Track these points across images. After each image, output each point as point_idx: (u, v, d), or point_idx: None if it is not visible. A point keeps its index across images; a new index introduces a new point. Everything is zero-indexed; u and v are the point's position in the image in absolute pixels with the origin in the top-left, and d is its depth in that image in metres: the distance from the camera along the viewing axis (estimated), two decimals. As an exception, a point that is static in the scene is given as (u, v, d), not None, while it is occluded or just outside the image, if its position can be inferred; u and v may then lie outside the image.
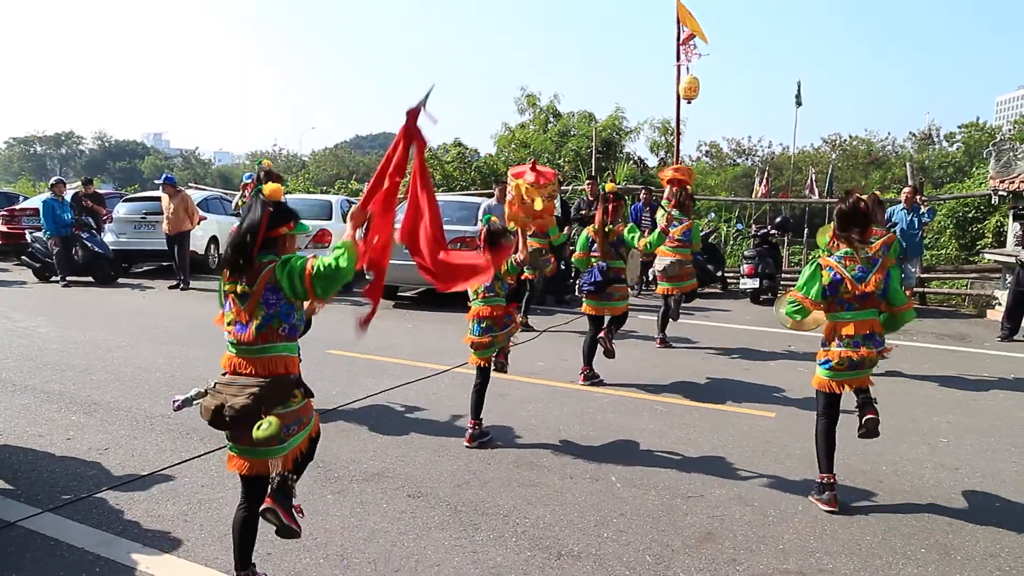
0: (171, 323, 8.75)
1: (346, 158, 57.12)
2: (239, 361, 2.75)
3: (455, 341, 7.80)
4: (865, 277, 3.79)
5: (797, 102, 23.75)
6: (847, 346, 3.83)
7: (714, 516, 3.76)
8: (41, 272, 12.30)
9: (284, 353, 2.76)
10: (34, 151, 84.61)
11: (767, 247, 11.12)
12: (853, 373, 3.85)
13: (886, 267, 3.85)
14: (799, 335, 8.58)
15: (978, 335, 8.81)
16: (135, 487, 3.96)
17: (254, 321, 2.71)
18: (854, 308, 3.83)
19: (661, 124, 24.72)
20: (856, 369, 3.84)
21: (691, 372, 6.64)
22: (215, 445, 4.57)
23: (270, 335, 2.72)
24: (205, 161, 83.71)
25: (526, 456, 4.56)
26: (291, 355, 2.80)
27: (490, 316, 4.74)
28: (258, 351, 2.73)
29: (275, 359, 2.73)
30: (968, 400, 6.02)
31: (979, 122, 35.84)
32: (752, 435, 5.03)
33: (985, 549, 3.46)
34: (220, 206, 14.81)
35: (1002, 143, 10.80)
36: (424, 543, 3.42)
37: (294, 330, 2.81)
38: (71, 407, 5.30)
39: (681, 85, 12.28)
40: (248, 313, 2.72)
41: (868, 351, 3.82)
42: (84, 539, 3.37)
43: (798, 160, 33.10)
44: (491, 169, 21.00)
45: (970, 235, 13.83)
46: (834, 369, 3.87)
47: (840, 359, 3.84)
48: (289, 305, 2.74)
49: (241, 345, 2.74)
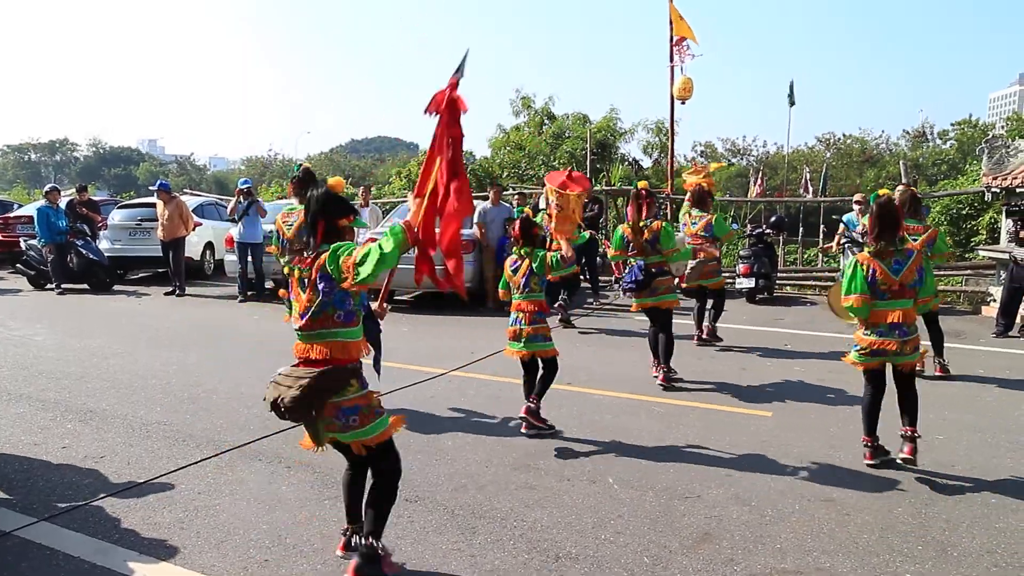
0: (167, 330, 8.73)
1: (342, 162, 57.14)
2: (301, 346, 2.88)
3: (451, 345, 7.81)
4: (900, 270, 4.20)
5: (790, 101, 23.84)
6: (874, 334, 4.26)
7: (712, 516, 3.76)
8: (36, 280, 12.28)
9: (341, 339, 2.85)
10: (28, 158, 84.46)
11: (762, 246, 11.13)
12: (877, 358, 4.30)
13: (919, 261, 4.27)
14: (797, 335, 8.61)
15: (973, 331, 8.84)
16: (131, 495, 3.95)
17: (311, 307, 2.81)
18: (886, 298, 4.22)
19: (655, 125, 24.78)
20: (881, 355, 4.27)
21: (688, 372, 6.64)
22: (211, 452, 4.57)
23: (325, 321, 2.82)
24: (200, 167, 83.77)
25: (523, 458, 4.56)
26: (350, 340, 2.87)
27: (522, 310, 4.94)
28: (316, 336, 2.84)
29: (332, 344, 2.83)
30: (964, 397, 6.03)
31: (972, 119, 36.00)
32: (749, 435, 5.03)
33: (982, 546, 3.47)
34: (215, 212, 14.80)
35: (995, 140, 10.84)
36: (422, 547, 3.41)
37: (351, 316, 2.87)
38: (67, 415, 5.29)
39: (675, 86, 12.32)
40: (306, 300, 2.83)
41: (891, 341, 4.21)
42: (80, 548, 3.35)
43: (792, 159, 33.21)
44: (486, 172, 21.03)
45: (964, 232, 13.89)
46: (861, 353, 4.35)
47: (865, 345, 4.31)
48: (343, 292, 2.80)
49: (301, 331, 2.87)
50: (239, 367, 6.75)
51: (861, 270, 4.22)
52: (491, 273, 10.09)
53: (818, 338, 8.30)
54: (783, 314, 10.06)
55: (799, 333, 8.68)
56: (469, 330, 8.93)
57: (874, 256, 4.22)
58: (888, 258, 4.20)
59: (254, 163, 60.18)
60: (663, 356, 6.18)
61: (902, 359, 4.26)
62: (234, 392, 5.88)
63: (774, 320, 9.57)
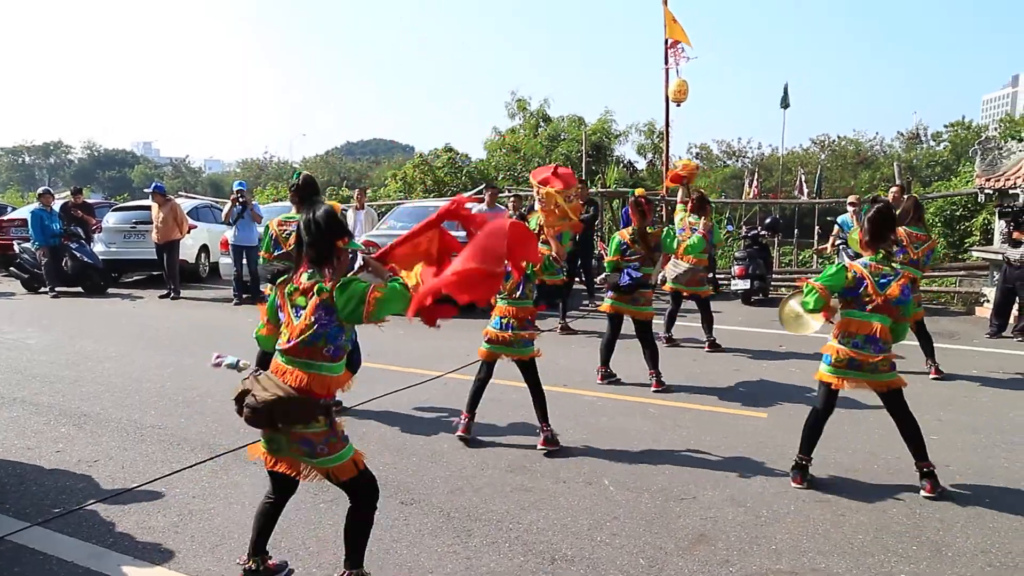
0: (161, 333, 8.70)
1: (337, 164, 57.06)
2: (281, 367, 2.79)
3: (446, 347, 7.79)
4: (887, 285, 3.97)
5: (784, 104, 23.92)
6: (849, 345, 4.03)
7: (707, 518, 3.77)
8: (30, 283, 12.23)
9: (324, 373, 2.76)
10: (23, 161, 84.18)
11: (757, 248, 11.15)
12: (852, 372, 4.03)
13: (908, 277, 4.07)
14: (791, 336, 8.61)
15: (967, 332, 8.87)
16: (125, 499, 3.93)
17: (301, 335, 2.73)
18: (867, 310, 4.00)
19: (647, 127, 24.84)
20: (856, 369, 4.02)
21: (683, 374, 6.66)
22: (206, 456, 4.55)
23: (313, 352, 2.74)
24: (196, 169, 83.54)
25: (519, 461, 4.56)
26: (331, 375, 2.79)
27: (515, 316, 4.75)
28: (299, 364, 2.75)
29: (312, 376, 2.74)
30: (958, 397, 6.06)
31: (965, 121, 36.17)
32: (744, 436, 5.04)
33: (976, 545, 3.48)
34: (211, 214, 14.76)
35: (987, 142, 10.89)
36: (417, 550, 3.41)
37: (339, 352, 2.79)
38: (60, 419, 5.27)
39: (670, 88, 12.35)
40: (299, 328, 2.74)
41: (867, 355, 3.98)
42: (74, 552, 3.34)
43: (787, 161, 33.31)
44: (482, 174, 21.04)
45: (958, 233, 13.94)
46: (834, 365, 4.07)
47: (840, 356, 4.04)
48: (339, 327, 2.75)
49: (285, 354, 2.78)
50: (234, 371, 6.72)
51: (846, 273, 4.01)
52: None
53: (812, 340, 8.27)
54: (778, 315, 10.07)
55: (794, 335, 8.67)
56: (464, 332, 8.88)
57: (865, 267, 4.01)
58: (877, 271, 4.00)
59: (250, 165, 60.03)
60: (650, 362, 6.23)
61: (878, 377, 4.01)
62: (229, 395, 5.83)
63: (769, 321, 9.57)
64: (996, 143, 10.87)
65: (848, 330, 4.04)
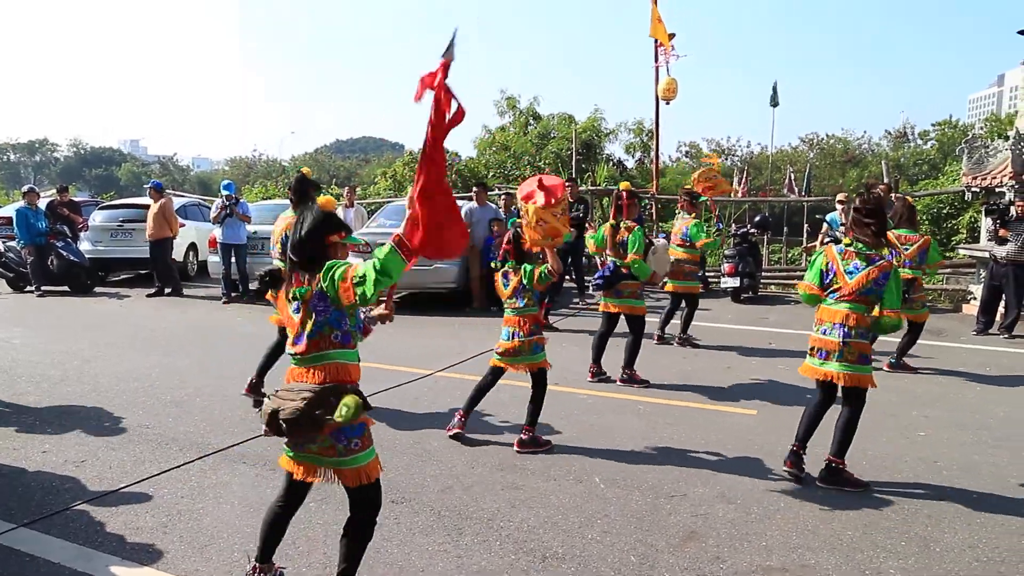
0: (149, 332, 8.64)
1: (327, 162, 56.83)
2: (297, 371, 2.75)
3: (436, 345, 7.78)
4: (856, 273, 3.98)
5: (772, 103, 24.03)
6: (818, 332, 4.12)
7: (698, 515, 3.78)
8: (15, 282, 12.09)
9: (339, 360, 2.73)
10: (7, 159, 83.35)
11: (747, 246, 11.20)
12: (822, 363, 4.08)
13: (885, 268, 3.98)
14: (780, 334, 8.66)
15: (954, 329, 8.94)
16: (113, 499, 3.90)
17: (306, 330, 2.70)
18: (834, 297, 4.05)
19: (636, 125, 24.86)
20: (823, 359, 4.07)
21: (673, 372, 6.67)
22: (195, 455, 4.52)
23: (321, 342, 2.71)
24: (183, 167, 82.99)
25: (509, 459, 4.55)
26: (348, 362, 2.76)
27: (520, 325, 4.78)
28: (312, 359, 2.72)
29: (329, 367, 2.71)
30: (945, 394, 6.10)
31: (952, 120, 36.53)
32: (734, 433, 5.06)
33: (963, 540, 3.51)
34: (199, 213, 14.66)
35: (974, 140, 10.98)
36: (408, 549, 3.40)
37: (348, 337, 2.76)
38: (47, 419, 5.21)
39: (659, 86, 12.37)
40: (300, 322, 2.72)
41: (831, 341, 4.02)
42: (61, 553, 3.31)
43: (776, 159, 33.48)
44: (472, 172, 21.00)
45: (945, 231, 14.05)
46: (809, 354, 4.16)
47: (811, 344, 4.15)
48: (339, 312, 2.72)
49: (296, 356, 2.75)
50: (223, 369, 6.68)
51: (820, 260, 4.13)
52: (477, 273, 10.07)
53: (802, 337, 8.30)
54: (767, 313, 10.13)
55: (783, 332, 8.74)
56: (455, 330, 8.91)
57: (840, 254, 4.05)
58: (849, 259, 4.01)
59: (238, 164, 59.65)
60: (627, 358, 6.25)
61: (845, 368, 3.97)
62: (218, 394, 5.83)
63: (759, 319, 9.63)
64: (982, 142, 10.96)
65: (820, 317, 4.13)
